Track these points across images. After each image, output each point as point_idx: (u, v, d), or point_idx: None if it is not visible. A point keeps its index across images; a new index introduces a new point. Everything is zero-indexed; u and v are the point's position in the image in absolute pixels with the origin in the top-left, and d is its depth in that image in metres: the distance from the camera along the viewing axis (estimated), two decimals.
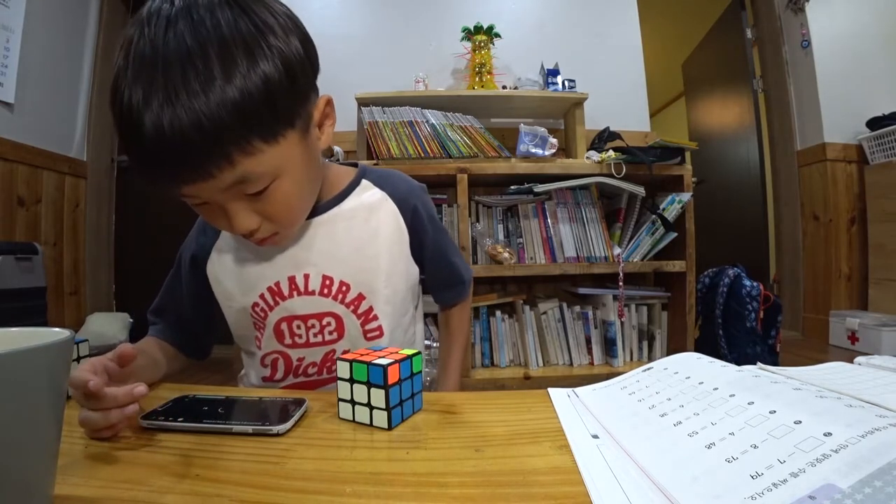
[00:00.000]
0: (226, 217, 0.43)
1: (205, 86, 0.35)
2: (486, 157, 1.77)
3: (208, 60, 0.35)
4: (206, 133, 0.35)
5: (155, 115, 0.34)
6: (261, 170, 0.40)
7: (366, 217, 0.55)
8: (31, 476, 0.23)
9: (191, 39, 0.35)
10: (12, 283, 1.77)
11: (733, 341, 1.63)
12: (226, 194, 0.41)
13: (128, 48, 0.37)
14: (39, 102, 2.17)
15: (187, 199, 0.42)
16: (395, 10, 2.20)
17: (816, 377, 0.34)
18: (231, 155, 0.37)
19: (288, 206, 0.45)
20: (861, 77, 2.37)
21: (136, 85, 0.35)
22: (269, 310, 0.54)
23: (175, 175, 0.38)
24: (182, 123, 0.35)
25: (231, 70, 0.36)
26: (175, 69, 0.35)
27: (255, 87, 0.37)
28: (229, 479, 0.28)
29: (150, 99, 0.35)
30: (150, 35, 0.36)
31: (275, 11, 0.41)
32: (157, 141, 0.35)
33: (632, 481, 0.26)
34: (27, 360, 0.22)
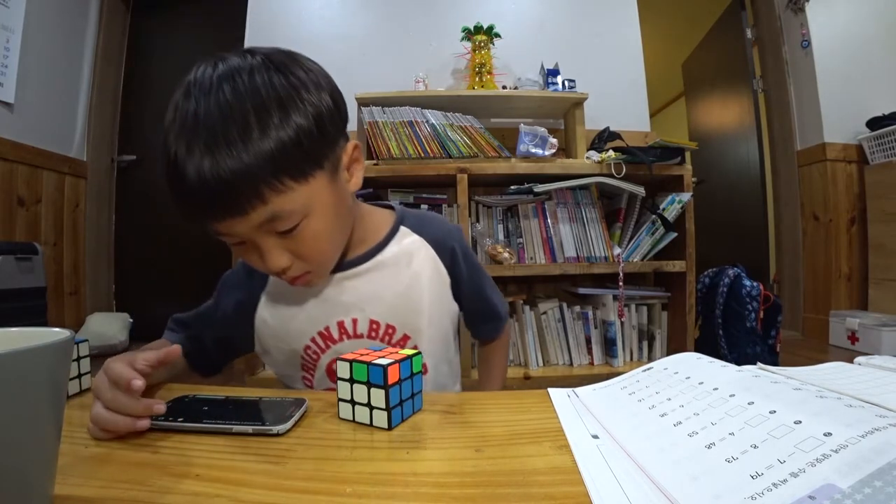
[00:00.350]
0: (260, 256, 0.45)
1: (242, 138, 0.39)
2: (486, 157, 1.77)
3: (247, 118, 0.40)
4: (240, 175, 0.39)
5: (196, 162, 0.39)
6: (290, 207, 0.42)
7: (407, 262, 0.58)
8: (31, 476, 0.23)
9: (232, 101, 0.40)
10: (12, 283, 1.77)
11: (733, 341, 1.63)
12: (258, 232, 0.43)
13: (175, 109, 0.41)
14: (39, 102, 2.17)
15: (225, 238, 0.45)
16: (395, 10, 2.19)
17: (816, 377, 0.34)
18: (263, 193, 0.40)
19: (318, 245, 0.47)
20: (861, 77, 2.37)
21: (180, 140, 0.40)
22: (322, 352, 0.57)
23: (212, 213, 0.41)
24: (220, 168, 0.39)
25: (266, 125, 0.40)
26: (217, 126, 0.39)
27: (287, 137, 0.41)
28: (229, 479, 0.28)
29: (192, 150, 0.39)
30: (196, 97, 0.41)
31: (308, 69, 0.46)
32: (198, 183, 0.39)
33: (632, 481, 0.26)
34: (27, 360, 0.22)
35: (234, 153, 0.39)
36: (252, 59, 0.44)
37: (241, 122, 0.40)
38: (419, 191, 1.79)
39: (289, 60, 0.45)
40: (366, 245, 0.57)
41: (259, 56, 0.44)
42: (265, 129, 0.40)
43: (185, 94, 0.41)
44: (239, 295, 0.59)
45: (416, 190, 1.80)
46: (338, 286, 0.56)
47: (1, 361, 0.20)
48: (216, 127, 0.39)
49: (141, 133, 2.61)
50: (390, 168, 1.66)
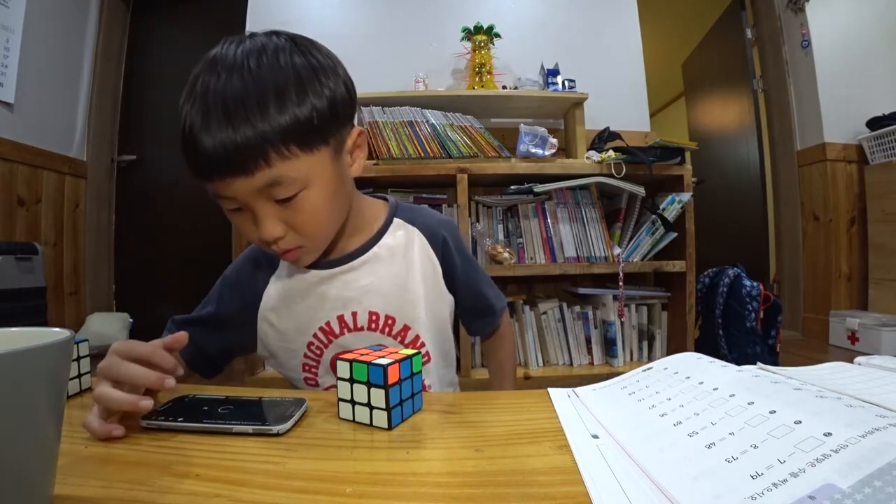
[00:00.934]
0: (255, 223, 0.46)
1: (260, 111, 0.42)
2: (486, 157, 1.77)
3: (266, 93, 0.42)
4: (251, 139, 0.41)
5: (213, 130, 0.41)
6: (293, 175, 0.44)
7: (403, 253, 0.59)
8: (31, 476, 0.23)
9: (256, 77, 0.42)
10: (12, 283, 1.77)
11: (733, 341, 1.63)
12: (259, 197, 0.45)
13: (195, 80, 0.44)
14: (39, 102, 2.17)
15: (225, 203, 0.46)
16: (395, 10, 2.20)
17: (816, 377, 0.34)
18: (269, 155, 0.42)
19: (314, 218, 0.48)
20: (861, 77, 2.37)
21: (197, 108, 0.42)
22: (325, 347, 0.58)
23: (220, 172, 0.43)
24: (234, 135, 0.41)
25: (284, 101, 0.43)
26: (238, 99, 0.42)
27: (301, 114, 0.44)
28: (229, 479, 0.28)
29: (209, 119, 0.42)
30: (219, 71, 0.43)
31: (327, 55, 0.49)
32: (212, 148, 0.41)
33: (632, 481, 0.26)
34: (27, 360, 0.22)
35: (250, 122, 0.41)
36: (277, 39, 0.46)
37: (260, 97, 0.42)
38: (419, 191, 1.79)
39: (311, 45, 0.48)
40: (361, 237, 0.58)
41: (284, 37, 0.46)
42: (282, 105, 0.42)
43: (210, 68, 0.43)
44: (241, 295, 0.59)
45: (416, 190, 1.80)
46: (336, 281, 0.57)
47: (1, 361, 0.20)
48: (237, 99, 0.41)
49: (141, 133, 2.61)
50: (390, 168, 1.66)
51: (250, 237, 0.49)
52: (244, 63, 0.43)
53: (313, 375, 0.60)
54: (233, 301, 0.60)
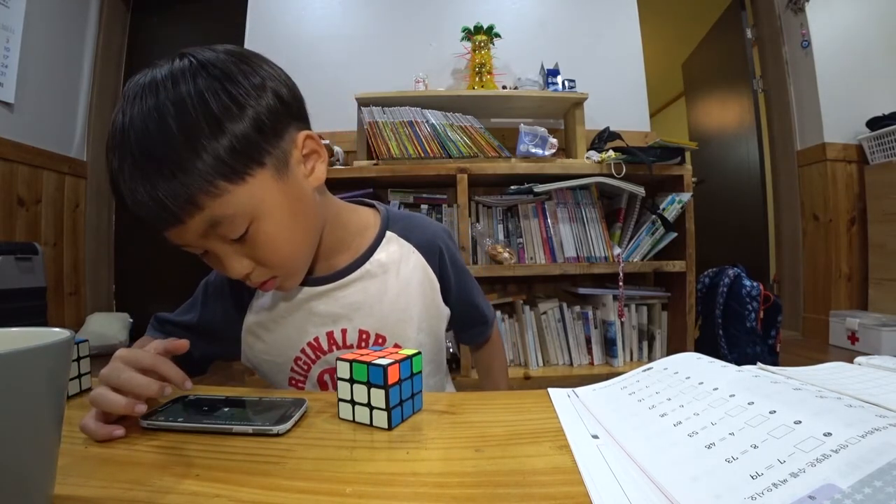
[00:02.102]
0: (220, 263, 0.44)
1: (171, 156, 0.37)
2: (486, 157, 1.77)
3: (171, 134, 0.37)
4: (171, 191, 0.37)
5: (128, 181, 0.38)
6: (231, 212, 0.40)
7: (396, 271, 0.56)
8: (31, 476, 0.23)
9: (156, 115, 0.37)
10: (12, 283, 1.77)
11: (733, 341, 1.63)
12: (207, 240, 0.41)
13: (113, 122, 0.39)
14: (39, 102, 2.17)
15: (186, 248, 0.43)
16: (395, 10, 2.19)
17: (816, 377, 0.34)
18: (196, 198, 0.38)
19: (275, 249, 0.44)
20: (861, 77, 2.37)
21: (113, 154, 0.39)
22: (312, 363, 0.56)
23: (154, 225, 0.40)
24: (150, 188, 0.37)
25: (195, 139, 0.37)
26: (144, 142, 0.37)
27: (220, 147, 0.38)
28: (229, 479, 0.28)
29: (123, 167, 0.38)
30: (124, 108, 0.38)
31: (250, 67, 0.42)
32: (132, 202, 0.38)
33: (632, 481, 0.26)
34: (27, 360, 0.22)
35: (163, 174, 0.37)
36: (180, 62, 0.40)
37: (166, 139, 0.37)
38: (419, 191, 1.79)
39: (224, 61, 0.41)
40: (351, 252, 0.56)
41: (188, 59, 0.41)
42: (195, 144, 0.37)
43: (122, 106, 0.39)
44: (225, 306, 0.57)
45: (416, 190, 1.80)
46: (326, 297, 0.55)
47: (1, 361, 0.20)
48: (145, 150, 0.37)
49: None
50: (390, 168, 1.66)
51: (224, 274, 0.45)
52: (143, 99, 0.38)
53: (300, 391, 0.58)
54: (216, 310, 0.57)
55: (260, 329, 0.56)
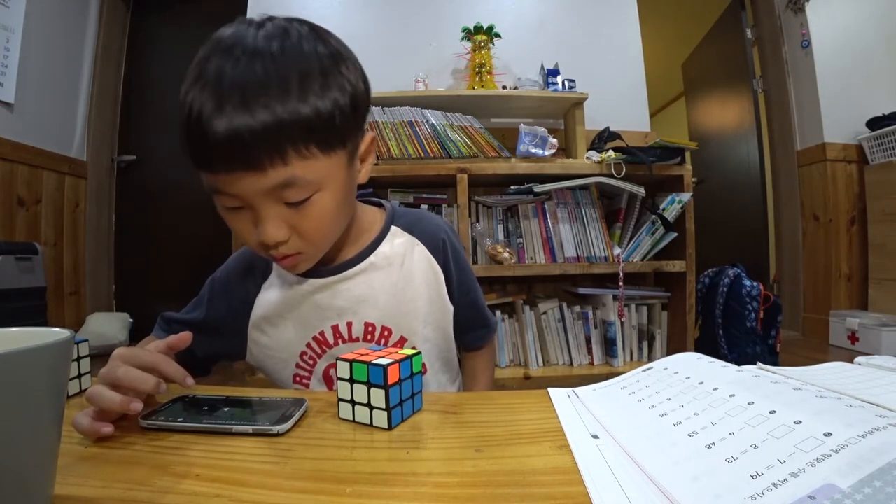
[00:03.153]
0: (256, 225, 0.43)
1: (281, 98, 0.38)
2: (486, 157, 1.77)
3: (289, 79, 0.39)
4: (270, 128, 0.38)
5: (228, 115, 0.37)
6: (309, 177, 0.41)
7: (400, 263, 0.56)
8: (31, 476, 0.23)
9: (278, 61, 0.39)
10: (12, 283, 1.77)
11: (733, 341, 1.63)
12: (267, 198, 0.41)
13: (202, 67, 0.39)
14: (39, 102, 2.17)
15: (223, 199, 0.43)
16: (395, 10, 2.20)
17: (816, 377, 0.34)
18: (286, 154, 0.39)
19: (322, 223, 0.45)
20: (861, 77, 2.37)
21: (208, 93, 0.38)
22: (318, 357, 0.56)
23: (229, 165, 0.39)
24: (251, 120, 0.37)
25: (307, 90, 0.40)
26: (257, 83, 0.38)
27: (324, 107, 0.40)
28: (229, 479, 0.28)
29: (223, 104, 0.37)
30: (236, 56, 0.39)
31: (347, 49, 0.47)
32: (224, 134, 0.37)
33: (632, 481, 0.26)
34: (27, 360, 0.22)
35: (270, 109, 0.38)
36: (299, 25, 0.43)
37: (282, 83, 0.38)
38: (419, 191, 1.79)
39: (330, 35, 0.46)
40: (357, 245, 0.56)
41: (306, 25, 0.44)
42: (305, 93, 0.39)
43: (224, 51, 0.39)
44: (230, 302, 0.57)
45: (416, 190, 1.80)
46: (330, 290, 0.54)
47: (1, 361, 0.20)
48: (257, 84, 0.38)
49: (141, 133, 2.61)
50: (390, 168, 1.66)
51: (246, 239, 0.45)
52: (267, 47, 0.39)
53: (304, 387, 0.58)
54: (221, 307, 0.57)
55: (265, 324, 0.56)
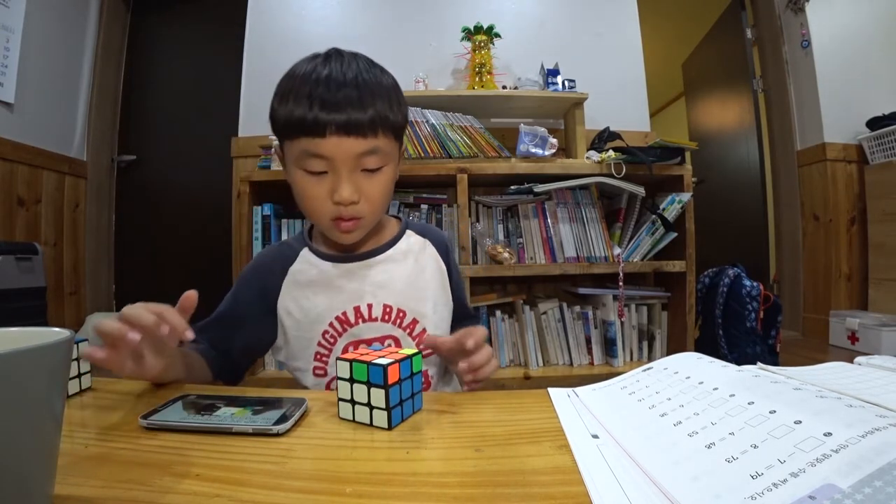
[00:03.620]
0: (333, 188, 0.54)
1: (379, 94, 0.54)
2: (486, 157, 1.77)
3: (381, 86, 0.55)
4: (373, 109, 0.52)
5: (343, 90, 0.51)
6: (386, 150, 0.55)
7: (415, 257, 0.66)
8: (31, 476, 0.23)
9: (368, 72, 0.55)
10: (12, 283, 1.77)
11: (733, 341, 1.63)
12: (352, 162, 0.53)
13: (306, 68, 0.54)
14: (39, 102, 2.17)
15: (313, 163, 0.53)
16: (395, 10, 2.19)
17: (816, 377, 0.34)
18: (377, 129, 0.53)
19: (384, 191, 0.58)
20: (861, 77, 2.37)
21: (324, 82, 0.52)
22: (339, 335, 0.62)
23: (343, 129, 0.51)
24: (362, 101, 0.52)
25: (389, 98, 0.56)
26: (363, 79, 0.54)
27: (399, 110, 0.57)
28: (229, 479, 0.28)
29: (338, 83, 0.52)
30: (332, 66, 0.53)
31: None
32: (343, 99, 0.51)
33: (632, 481, 0.26)
34: (27, 360, 0.22)
35: (372, 93, 0.53)
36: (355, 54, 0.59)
37: (378, 83, 0.55)
38: (419, 191, 1.79)
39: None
40: (378, 239, 0.66)
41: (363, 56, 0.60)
42: (389, 98, 0.55)
43: (321, 62, 0.54)
44: (260, 288, 0.63)
45: (416, 190, 1.80)
46: (354, 275, 0.62)
47: (1, 361, 0.20)
48: (361, 77, 0.53)
49: (141, 133, 2.61)
50: None
51: (321, 203, 0.55)
52: (359, 62, 0.55)
53: (323, 365, 0.62)
54: (250, 294, 0.63)
55: (293, 304, 0.62)
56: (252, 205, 1.70)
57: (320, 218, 0.57)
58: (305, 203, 0.57)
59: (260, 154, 1.84)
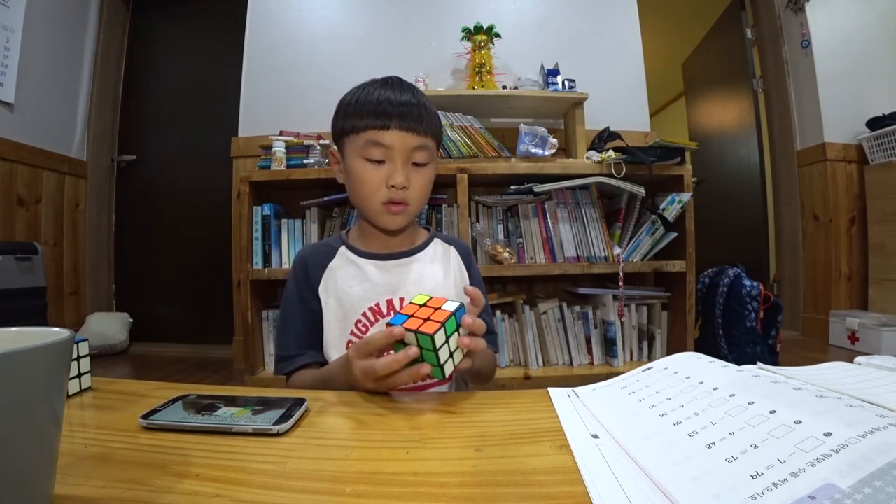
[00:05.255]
0: (389, 174, 0.62)
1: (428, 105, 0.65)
2: (486, 157, 1.77)
3: (428, 102, 0.66)
4: (427, 113, 0.63)
5: (408, 97, 0.63)
6: (432, 149, 0.65)
7: (442, 260, 0.73)
8: (31, 476, 0.23)
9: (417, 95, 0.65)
10: (12, 283, 1.77)
11: (733, 341, 1.63)
12: (406, 154, 0.62)
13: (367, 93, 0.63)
14: (39, 102, 2.17)
15: (374, 152, 0.61)
16: (395, 10, 2.20)
17: (816, 377, 0.34)
18: (427, 131, 0.63)
19: (426, 184, 0.66)
20: (861, 77, 2.37)
21: (386, 88, 0.63)
22: (371, 325, 0.66)
23: (404, 123, 0.60)
24: (420, 105, 0.63)
25: (434, 111, 0.66)
26: (419, 94, 0.65)
27: (439, 121, 0.68)
28: (229, 479, 0.28)
29: (404, 93, 0.63)
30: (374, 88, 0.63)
31: None
32: (408, 100, 0.62)
33: (632, 481, 0.26)
34: (27, 360, 0.22)
35: (427, 106, 0.64)
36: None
37: (428, 105, 0.65)
38: None
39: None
40: (410, 242, 0.72)
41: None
42: (433, 109, 0.66)
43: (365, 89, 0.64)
44: (308, 278, 0.69)
45: None
46: (388, 271, 0.68)
47: (1, 361, 0.20)
48: (417, 91, 0.65)
49: (141, 133, 2.61)
50: None
51: (375, 187, 0.62)
52: (399, 86, 0.64)
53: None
54: (307, 288, 0.68)
55: (331, 295, 0.68)
56: (252, 205, 1.70)
57: (373, 202, 0.64)
58: (363, 188, 0.63)
59: (260, 154, 1.84)
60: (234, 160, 2.17)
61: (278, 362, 0.67)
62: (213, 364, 2.11)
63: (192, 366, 2.08)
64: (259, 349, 1.72)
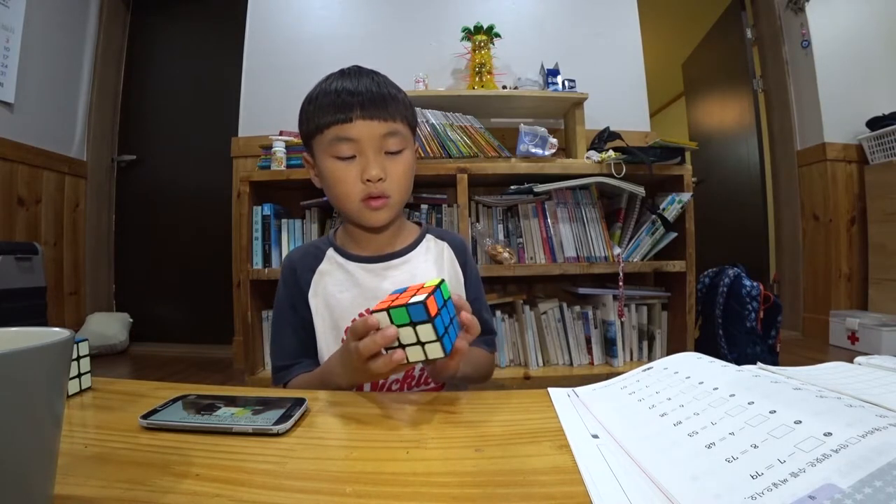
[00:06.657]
0: (362, 169, 0.59)
1: (395, 88, 0.62)
2: (486, 157, 1.77)
3: (394, 86, 0.63)
4: (393, 98, 0.60)
5: (364, 82, 0.60)
6: (404, 133, 0.61)
7: (434, 259, 0.69)
8: (31, 476, 0.23)
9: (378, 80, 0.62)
10: (12, 283, 1.77)
11: (733, 341, 1.63)
12: (376, 143, 0.59)
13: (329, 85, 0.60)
14: (39, 102, 2.17)
15: (342, 148, 0.58)
16: (395, 10, 2.19)
17: (816, 377, 0.34)
18: (396, 115, 0.60)
19: (405, 173, 0.62)
20: (861, 77, 2.37)
21: (344, 77, 0.61)
22: None
23: (368, 113, 0.57)
24: (383, 91, 0.60)
25: (404, 97, 0.63)
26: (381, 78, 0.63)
27: (409, 103, 0.64)
28: (229, 479, 0.28)
29: (357, 78, 0.60)
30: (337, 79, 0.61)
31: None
32: (365, 88, 0.59)
33: (632, 481, 0.26)
34: (27, 360, 0.22)
35: (391, 89, 0.61)
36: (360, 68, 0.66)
37: (391, 83, 0.63)
38: (419, 190, 1.79)
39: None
40: (401, 241, 0.69)
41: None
42: (404, 98, 0.63)
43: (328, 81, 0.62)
44: (297, 282, 0.67)
45: (416, 190, 1.79)
46: (378, 274, 0.65)
47: (1, 361, 0.20)
48: (378, 76, 0.62)
49: (141, 133, 2.61)
50: None
51: (350, 186, 0.59)
52: (359, 74, 0.62)
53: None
54: (297, 294, 0.66)
55: (321, 302, 0.65)
56: (252, 205, 1.70)
57: (351, 200, 0.60)
58: (338, 188, 0.60)
59: (260, 154, 1.84)
60: (234, 160, 2.17)
61: (275, 373, 0.65)
62: (213, 364, 2.11)
63: (192, 366, 2.08)
64: (259, 349, 1.72)
